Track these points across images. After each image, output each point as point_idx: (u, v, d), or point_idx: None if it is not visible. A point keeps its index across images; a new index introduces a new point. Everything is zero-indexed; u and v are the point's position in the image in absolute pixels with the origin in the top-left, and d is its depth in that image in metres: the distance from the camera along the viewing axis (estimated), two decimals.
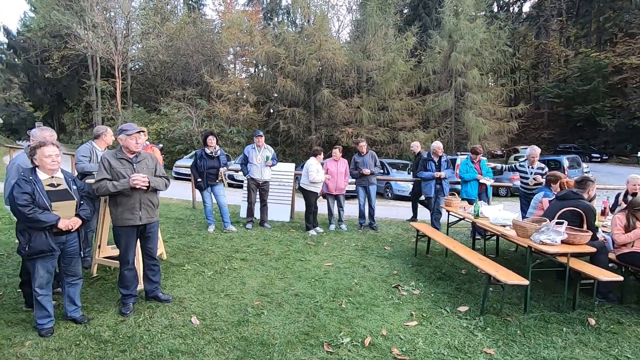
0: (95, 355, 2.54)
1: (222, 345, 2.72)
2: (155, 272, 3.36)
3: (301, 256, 4.87)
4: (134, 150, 3.05)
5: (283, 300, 3.52)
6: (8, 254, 4.43)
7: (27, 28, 32.87)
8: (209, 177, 5.55)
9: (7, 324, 2.90)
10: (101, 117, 25.37)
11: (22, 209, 2.56)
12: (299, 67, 18.62)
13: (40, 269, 2.73)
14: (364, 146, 6.48)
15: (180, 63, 25.06)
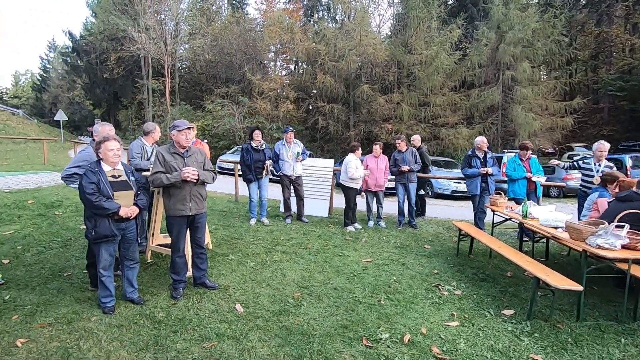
0: (150, 334, 2.75)
1: (265, 332, 2.84)
2: (202, 260, 3.57)
3: (340, 251, 4.92)
4: (184, 145, 3.26)
5: (322, 293, 3.59)
6: (75, 238, 4.89)
7: (88, 32, 35.66)
8: (256, 170, 5.77)
9: (75, 300, 3.22)
10: (152, 114, 27.03)
11: (89, 197, 2.83)
12: (338, 63, 18.59)
13: (104, 252, 3.00)
14: (402, 144, 6.37)
15: (224, 62, 25.99)
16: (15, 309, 3.02)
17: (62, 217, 5.76)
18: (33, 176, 9.16)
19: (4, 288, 3.40)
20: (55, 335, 2.69)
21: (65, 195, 7.01)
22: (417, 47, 18.45)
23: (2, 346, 2.52)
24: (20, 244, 4.55)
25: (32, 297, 3.25)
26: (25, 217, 5.59)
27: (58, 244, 4.65)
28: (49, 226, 5.29)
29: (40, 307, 3.07)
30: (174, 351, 2.56)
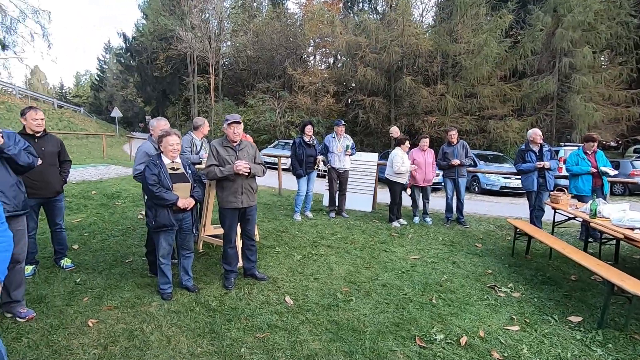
0: (206, 321, 2.85)
1: (315, 326, 2.84)
2: (252, 251, 3.64)
3: (386, 247, 4.82)
4: (232, 139, 3.32)
5: (371, 289, 3.53)
6: (133, 227, 5.21)
7: (140, 33, 37.76)
8: (307, 165, 5.80)
9: (137, 286, 3.42)
10: (197, 110, 28.18)
11: (151, 187, 2.97)
12: (379, 55, 18.18)
13: (163, 241, 3.15)
14: (454, 135, 6.09)
15: (265, 57, 26.40)
16: (85, 292, 3.27)
17: (121, 207, 6.16)
18: (95, 169, 9.91)
19: (75, 272, 3.69)
20: (121, 317, 2.87)
21: (123, 187, 7.50)
22: (464, 36, 17.56)
23: (77, 325, 2.73)
24: (87, 231, 4.92)
25: (99, 281, 3.50)
26: (90, 206, 6.05)
27: (119, 232, 4.97)
28: (110, 215, 5.69)
29: (106, 291, 3.29)
30: (228, 339, 2.63)
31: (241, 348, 2.53)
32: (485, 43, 16.51)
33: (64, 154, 3.81)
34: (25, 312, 2.80)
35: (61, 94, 68.14)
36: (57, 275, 3.58)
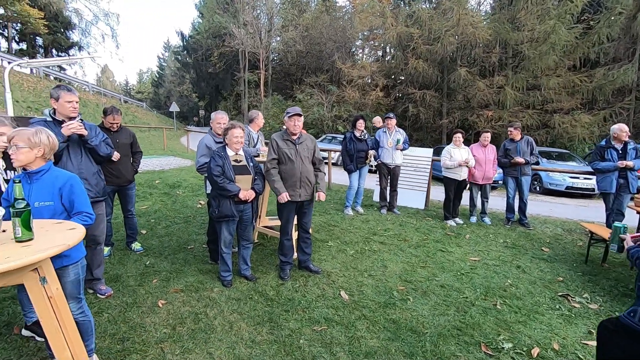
0: (265, 310, 2.92)
1: (372, 323, 2.79)
2: (307, 244, 3.67)
3: (442, 246, 4.62)
4: (293, 131, 3.34)
5: (428, 289, 3.40)
6: (193, 215, 5.50)
7: (196, 31, 39.74)
8: (358, 160, 5.73)
9: (199, 271, 3.60)
10: (247, 105, 29.13)
11: (216, 178, 3.09)
12: (433, 46, 17.45)
13: (225, 231, 3.27)
14: (518, 131, 5.66)
15: (313, 51, 26.56)
16: (154, 274, 3.50)
17: (182, 196, 6.54)
18: (157, 160, 10.62)
19: (144, 255, 3.97)
20: (187, 300, 3.03)
21: (183, 177, 7.95)
22: (527, 23, 16.23)
23: (148, 305, 2.93)
24: (153, 217, 5.28)
25: (165, 264, 3.74)
26: (154, 194, 6.50)
27: (180, 219, 5.28)
28: (172, 203, 6.05)
29: (172, 274, 3.50)
30: (287, 329, 2.67)
31: (300, 339, 2.56)
32: (553, 30, 15.15)
33: (136, 145, 4.10)
34: (105, 290, 3.06)
35: (126, 90, 74.06)
36: (129, 257, 3.88)
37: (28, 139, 1.88)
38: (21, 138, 1.86)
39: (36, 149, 1.90)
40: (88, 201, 2.05)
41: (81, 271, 2.06)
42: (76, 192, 1.99)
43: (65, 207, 1.99)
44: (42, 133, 1.94)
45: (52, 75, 24.24)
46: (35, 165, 1.92)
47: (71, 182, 1.99)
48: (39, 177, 1.93)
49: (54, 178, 1.96)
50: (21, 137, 1.87)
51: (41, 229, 1.62)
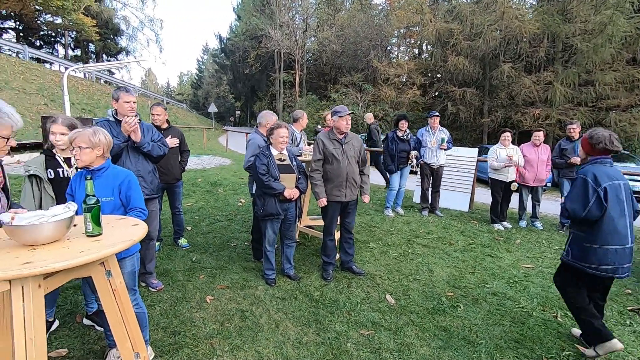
0: (310, 311, 2.90)
1: (422, 330, 2.68)
2: (350, 245, 3.61)
3: (490, 251, 4.38)
4: (344, 130, 3.28)
5: (479, 297, 3.22)
6: (235, 213, 5.60)
7: (234, 34, 40.86)
8: (400, 160, 5.58)
9: (243, 269, 3.65)
10: (282, 105, 29.54)
11: (261, 177, 3.10)
12: (474, 42, 16.75)
13: (269, 229, 3.28)
14: (576, 130, 5.26)
15: (348, 51, 26.41)
16: (201, 270, 3.58)
17: (223, 194, 6.70)
18: (198, 158, 11.00)
19: (191, 251, 4.08)
20: (233, 297, 3.07)
21: (224, 176, 8.16)
22: (580, 14, 15.14)
23: (197, 300, 3.00)
24: (197, 214, 5.44)
25: (211, 261, 3.82)
26: (197, 192, 6.71)
27: (223, 217, 5.40)
28: (214, 201, 6.21)
29: (218, 271, 3.57)
30: (333, 332, 2.62)
31: (347, 342, 2.50)
32: (610, 20, 14.01)
33: (184, 144, 4.23)
34: (156, 283, 3.17)
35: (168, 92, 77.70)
36: (177, 252, 4.01)
37: (89, 140, 1.96)
38: (82, 139, 1.95)
39: (97, 148, 1.98)
40: (142, 197, 2.12)
41: (136, 264, 2.13)
42: (133, 188, 2.06)
43: (122, 203, 2.06)
44: (100, 133, 2.02)
45: (103, 79, 25.90)
46: (96, 163, 2.00)
47: (129, 178, 2.06)
48: (100, 175, 2.01)
49: (114, 175, 2.04)
50: (82, 138, 1.95)
51: (107, 224, 1.67)
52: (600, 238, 2.32)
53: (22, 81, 15.70)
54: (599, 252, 2.31)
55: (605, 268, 2.31)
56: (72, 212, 1.47)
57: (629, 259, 2.35)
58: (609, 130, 2.47)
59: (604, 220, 2.32)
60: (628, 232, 2.33)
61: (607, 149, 2.41)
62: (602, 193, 2.30)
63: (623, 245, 2.31)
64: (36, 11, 24.96)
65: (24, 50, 19.67)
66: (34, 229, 1.33)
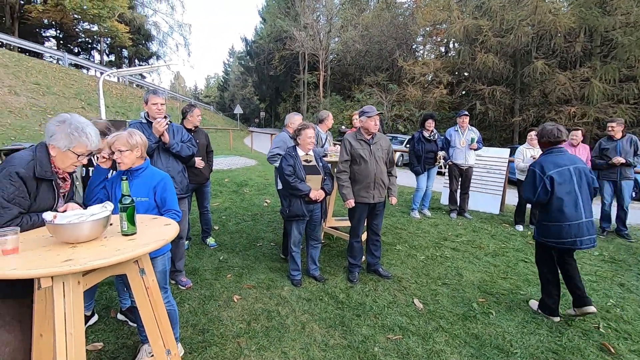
0: (336, 313, 2.87)
1: (452, 337, 2.59)
2: (377, 247, 3.55)
3: (524, 256, 4.20)
4: (372, 131, 3.23)
5: (513, 304, 3.08)
6: (260, 213, 5.66)
7: (259, 36, 41.48)
8: (427, 161, 5.46)
9: (269, 269, 3.67)
10: (306, 106, 29.68)
11: (287, 177, 3.11)
12: (504, 38, 16.19)
13: (295, 230, 3.28)
14: (618, 128, 4.95)
15: (373, 50, 26.20)
16: (228, 269, 3.64)
17: (249, 194, 6.79)
18: (224, 159, 11.23)
19: (218, 250, 4.15)
20: (259, 297, 3.09)
21: (249, 176, 8.28)
22: (622, 5, 14.30)
23: (224, 299, 3.04)
24: (224, 214, 5.54)
25: (237, 260, 3.87)
26: (224, 192, 6.83)
27: (249, 217, 5.46)
28: (240, 201, 6.31)
29: (244, 270, 3.61)
30: (360, 335, 2.58)
31: (374, 347, 2.45)
32: None
33: (209, 145, 4.31)
34: (185, 281, 3.24)
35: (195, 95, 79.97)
36: (205, 251, 4.09)
37: (127, 142, 2.02)
38: (121, 142, 2.01)
39: (135, 149, 2.05)
40: (177, 200, 2.16)
41: (167, 263, 2.18)
42: (168, 190, 2.10)
43: (157, 204, 2.11)
44: (135, 134, 2.08)
45: (135, 83, 26.98)
46: (136, 164, 2.06)
47: (165, 180, 2.11)
48: (138, 175, 2.07)
49: (151, 176, 2.09)
50: (121, 141, 2.01)
51: (141, 223, 1.72)
52: (552, 217, 2.73)
53: (62, 86, 16.61)
54: (553, 228, 2.72)
55: (564, 241, 2.69)
56: (109, 211, 1.52)
57: (589, 232, 2.68)
58: (554, 124, 2.90)
59: (553, 202, 2.73)
60: (581, 209, 2.68)
61: (550, 142, 2.86)
62: (547, 181, 2.72)
63: (577, 220, 2.66)
64: (75, 20, 26.37)
65: (64, 57, 20.79)
66: (74, 228, 1.39)
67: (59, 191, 1.73)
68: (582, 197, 2.70)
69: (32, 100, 13.66)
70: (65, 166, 1.71)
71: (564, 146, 5.18)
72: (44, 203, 1.65)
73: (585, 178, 2.74)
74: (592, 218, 2.73)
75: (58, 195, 1.73)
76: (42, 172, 1.62)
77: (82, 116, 1.76)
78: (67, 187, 1.82)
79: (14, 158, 1.61)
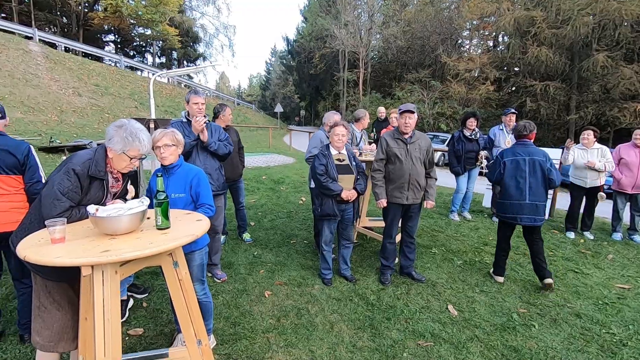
0: (365, 315, 2.83)
1: (488, 348, 2.45)
2: (411, 249, 3.45)
3: (574, 266, 3.88)
4: (402, 130, 3.14)
5: (559, 317, 2.86)
6: (295, 211, 5.73)
7: (300, 35, 41.92)
8: (467, 161, 5.23)
9: (301, 266, 3.70)
10: (345, 104, 29.56)
11: (319, 177, 3.11)
12: (560, 29, 15.02)
13: (326, 229, 3.28)
14: None
15: (415, 46, 25.48)
16: (261, 264, 3.72)
17: (285, 192, 6.90)
18: (263, 157, 11.50)
19: (253, 245, 4.26)
20: (290, 294, 3.13)
21: (286, 174, 8.41)
22: None
23: (256, 294, 3.12)
24: (260, 211, 5.67)
25: (270, 256, 3.94)
26: (261, 189, 7.00)
27: (284, 214, 5.55)
28: (277, 198, 6.43)
29: (277, 267, 3.67)
30: (389, 339, 2.53)
31: (403, 352, 2.39)
32: None
33: (240, 141, 4.41)
34: (220, 275, 3.36)
35: (239, 94, 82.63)
36: (240, 246, 4.21)
37: (174, 138, 2.13)
38: (169, 138, 2.11)
39: (179, 146, 2.15)
40: (211, 194, 2.23)
41: (205, 257, 2.26)
42: (202, 185, 2.18)
43: (192, 199, 2.20)
44: (177, 133, 2.18)
45: (183, 83, 28.44)
46: (175, 161, 2.16)
47: (199, 175, 2.19)
48: (174, 172, 2.17)
49: (186, 172, 2.19)
50: (169, 137, 2.12)
51: (175, 218, 1.80)
52: (502, 195, 3.37)
53: (118, 87, 17.92)
54: (501, 204, 3.38)
55: (506, 216, 3.35)
56: (145, 206, 1.61)
57: (528, 211, 3.23)
58: (526, 122, 3.42)
59: (503, 183, 3.36)
60: (526, 193, 3.21)
61: (519, 135, 3.40)
62: (502, 165, 3.35)
63: (519, 200, 3.23)
64: (131, 25, 28.31)
65: (121, 60, 22.39)
66: (113, 221, 1.48)
67: (108, 189, 1.85)
68: (529, 183, 3.21)
69: (92, 100, 14.88)
70: (121, 167, 1.83)
71: (626, 146, 4.76)
72: (94, 199, 1.78)
73: (539, 169, 3.21)
74: (540, 202, 3.21)
75: (107, 193, 1.85)
76: (96, 171, 1.74)
77: (137, 121, 1.86)
78: (119, 187, 1.94)
79: (75, 156, 1.76)
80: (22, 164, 2.22)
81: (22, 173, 2.24)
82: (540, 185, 3.22)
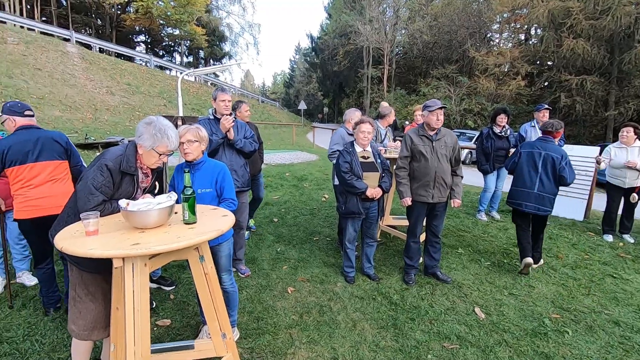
0: (389, 315, 2.79)
1: (517, 353, 2.36)
2: (436, 249, 3.37)
3: (612, 271, 3.66)
4: (434, 126, 3.06)
5: (595, 324, 2.71)
6: (318, 208, 5.73)
7: (324, 32, 41.82)
8: (497, 159, 5.05)
9: (324, 263, 3.70)
10: (369, 101, 29.27)
11: (343, 174, 3.08)
12: (599, 20, 14.19)
13: (350, 227, 3.25)
14: None
15: (442, 41, 24.85)
16: (284, 261, 3.75)
17: (308, 189, 6.92)
18: (287, 154, 11.58)
19: (276, 242, 4.30)
20: (312, 291, 3.13)
21: (309, 171, 8.43)
22: None
23: (279, 290, 3.14)
24: (283, 207, 5.71)
25: (293, 253, 3.96)
26: (285, 186, 7.05)
27: (307, 211, 5.56)
28: (300, 195, 6.45)
29: (300, 263, 3.68)
30: (413, 340, 2.48)
31: (427, 354, 2.34)
32: None
33: (259, 137, 4.44)
34: (244, 270, 3.41)
35: (263, 92, 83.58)
36: (264, 242, 4.26)
37: (197, 134, 2.17)
38: (192, 134, 2.16)
39: (203, 142, 2.19)
40: (234, 189, 2.27)
41: (231, 247, 2.31)
42: (226, 180, 2.22)
43: (217, 193, 2.23)
44: (201, 129, 2.22)
45: (210, 82, 29.06)
46: (197, 157, 2.20)
47: (223, 170, 2.22)
48: (199, 167, 2.21)
49: (211, 168, 2.23)
50: (192, 132, 2.16)
51: (202, 213, 1.83)
52: (513, 183, 3.58)
53: (148, 86, 18.54)
54: (511, 191, 3.57)
55: (514, 202, 3.53)
56: (173, 201, 1.64)
57: (534, 200, 3.39)
58: (554, 120, 3.57)
59: (516, 171, 3.57)
60: (535, 183, 3.40)
61: (545, 131, 3.55)
62: (518, 155, 3.58)
63: (527, 189, 3.43)
64: (160, 25, 29.19)
65: (151, 60, 23.15)
66: (143, 215, 1.52)
67: (138, 184, 1.91)
68: (540, 175, 3.39)
69: (124, 99, 15.48)
70: (150, 163, 1.89)
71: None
72: (124, 194, 1.84)
73: (552, 164, 3.35)
74: (547, 194, 3.36)
75: (137, 188, 1.91)
76: (127, 166, 1.80)
77: (165, 118, 1.91)
78: (148, 182, 2.00)
79: (108, 152, 1.82)
80: (67, 150, 2.56)
81: (67, 158, 2.57)
82: (551, 180, 3.37)
